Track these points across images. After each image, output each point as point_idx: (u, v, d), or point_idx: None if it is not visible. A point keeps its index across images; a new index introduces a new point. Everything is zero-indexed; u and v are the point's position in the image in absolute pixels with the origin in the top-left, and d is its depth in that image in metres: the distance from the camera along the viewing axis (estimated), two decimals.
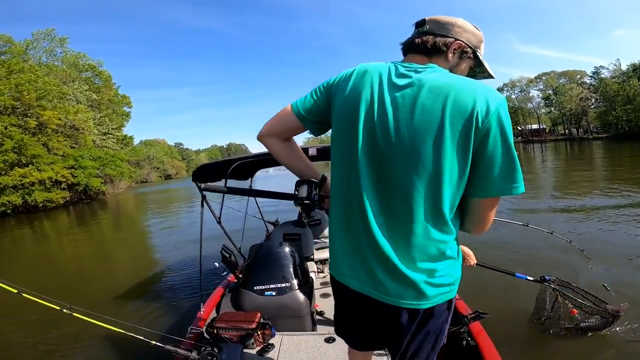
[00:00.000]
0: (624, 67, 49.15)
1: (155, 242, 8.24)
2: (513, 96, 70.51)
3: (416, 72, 0.90)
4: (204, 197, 2.74)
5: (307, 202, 1.15)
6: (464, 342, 1.93)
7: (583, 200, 8.05)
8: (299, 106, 1.08)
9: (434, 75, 0.88)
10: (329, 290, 2.75)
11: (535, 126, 70.97)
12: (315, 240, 3.87)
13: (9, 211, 21.37)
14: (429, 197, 0.87)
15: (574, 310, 2.63)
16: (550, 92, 62.30)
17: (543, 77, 65.78)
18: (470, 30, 0.98)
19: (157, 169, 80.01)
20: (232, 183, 3.20)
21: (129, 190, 38.88)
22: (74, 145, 27.43)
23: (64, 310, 1.76)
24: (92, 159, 26.87)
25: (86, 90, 31.58)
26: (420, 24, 1.00)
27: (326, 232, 3.89)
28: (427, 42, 0.96)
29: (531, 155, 30.05)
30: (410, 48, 1.00)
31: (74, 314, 1.75)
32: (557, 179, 13.69)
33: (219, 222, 2.98)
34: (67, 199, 25.25)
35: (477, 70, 1.07)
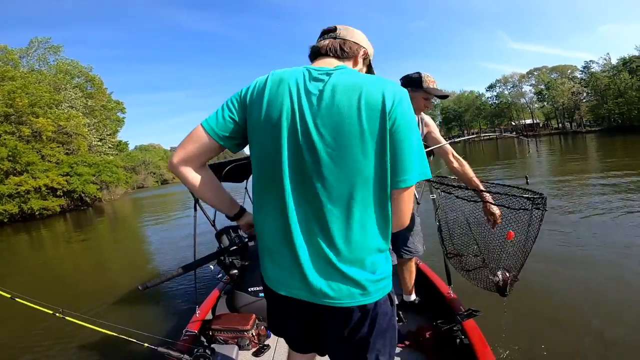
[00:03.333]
0: (614, 61, 49.65)
1: (151, 247, 8.23)
2: (506, 92, 70.93)
3: (327, 74, 0.92)
4: (197, 201, 2.75)
5: (234, 247, 1.14)
6: (457, 340, 1.92)
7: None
8: (212, 126, 0.99)
9: (345, 76, 0.92)
10: None
11: (529, 121, 71.36)
12: None
13: (5, 220, 21.22)
14: (362, 194, 0.89)
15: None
16: (543, 87, 62.74)
17: (535, 73, 66.24)
18: (367, 41, 1.08)
19: (154, 174, 79.57)
20: (227, 186, 3.23)
21: (126, 196, 38.57)
22: (67, 151, 27.26)
23: (57, 314, 1.77)
24: (87, 166, 26.70)
25: (80, 97, 31.57)
26: (331, 30, 1.06)
27: None
28: (341, 46, 1.02)
29: (525, 149, 30.18)
30: (323, 52, 1.03)
31: (67, 318, 1.76)
32: (551, 169, 13.76)
33: (213, 225, 3.00)
34: (64, 206, 25.09)
35: None
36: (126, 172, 36.95)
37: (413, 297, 2.53)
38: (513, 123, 74.10)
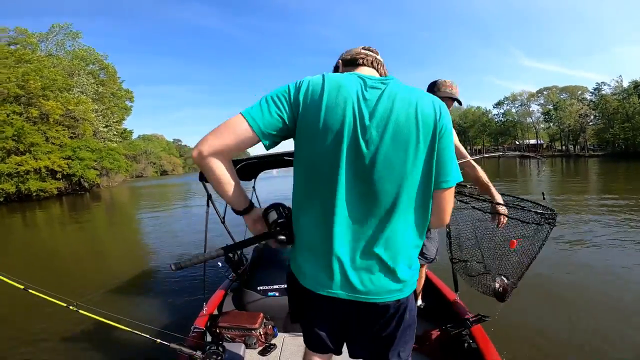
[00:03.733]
0: (625, 84, 49.68)
1: (156, 239, 7.99)
2: (513, 110, 71.16)
3: (383, 84, 0.97)
4: (209, 197, 2.74)
5: (282, 220, 1.05)
6: (466, 345, 1.94)
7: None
8: (257, 120, 0.95)
9: (400, 88, 0.97)
10: None
11: (533, 141, 71.62)
12: None
13: (1, 199, 21.18)
14: (408, 196, 0.96)
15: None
16: (551, 107, 62.94)
17: (544, 92, 66.48)
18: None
19: (154, 164, 79.89)
20: None
21: (124, 183, 38.68)
22: (72, 135, 27.34)
23: (71, 307, 1.74)
24: (90, 151, 26.73)
25: (92, 83, 32.00)
26: (368, 48, 1.15)
27: None
28: (376, 60, 1.11)
29: (527, 170, 30.35)
30: (358, 62, 1.10)
31: (80, 311, 1.73)
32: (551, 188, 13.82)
33: (223, 222, 2.97)
34: (61, 189, 25.08)
35: None
36: (127, 161, 36.99)
37: (419, 302, 2.59)
38: (517, 142, 74.39)
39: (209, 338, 2.29)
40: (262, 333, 2.36)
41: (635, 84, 46.25)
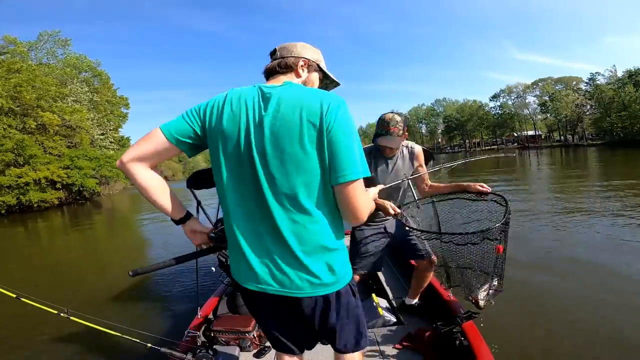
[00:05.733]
0: (619, 74, 49.60)
1: (151, 245, 8.13)
2: (510, 102, 71.00)
3: (275, 89, 1.06)
4: (199, 203, 2.77)
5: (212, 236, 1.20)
6: (457, 342, 1.94)
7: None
8: (170, 129, 1.09)
9: (289, 90, 1.05)
10: None
11: (531, 132, 71.48)
12: None
13: (2, 211, 21.19)
14: (309, 192, 1.01)
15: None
16: (547, 98, 62.77)
17: (540, 84, 66.30)
18: (310, 49, 1.21)
19: None
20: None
21: (125, 191, 38.47)
22: (69, 144, 27.31)
23: (62, 314, 1.76)
24: (88, 159, 26.69)
25: (86, 91, 31.70)
26: (272, 53, 1.21)
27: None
28: (280, 64, 1.16)
29: (526, 161, 30.31)
30: (270, 72, 1.18)
31: (71, 318, 1.75)
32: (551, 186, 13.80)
33: (214, 226, 2.98)
34: (62, 199, 25.07)
35: (327, 82, 1.31)
36: None
37: (415, 301, 2.57)
38: (515, 134, 74.25)
39: (203, 342, 2.31)
40: (256, 336, 2.36)
41: (630, 73, 46.16)
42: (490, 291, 1.89)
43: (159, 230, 10.82)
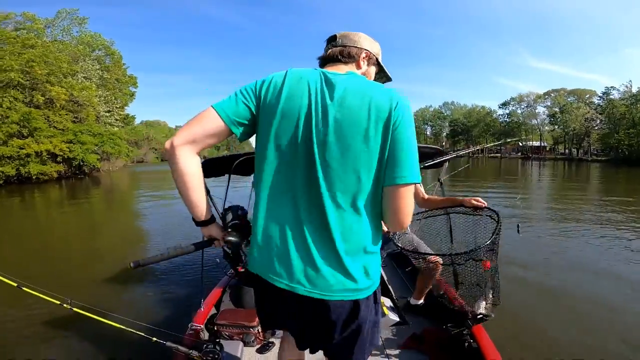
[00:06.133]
0: (634, 89, 48.97)
1: (156, 230, 7.84)
2: (519, 111, 70.59)
3: (341, 77, 1.01)
4: (208, 192, 2.68)
5: (235, 222, 1.13)
6: (466, 344, 1.93)
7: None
8: (226, 109, 1.00)
9: (355, 81, 1.00)
10: None
11: (536, 143, 71.23)
12: None
13: (0, 182, 21.17)
14: (365, 185, 0.96)
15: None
16: (557, 109, 62.36)
17: (552, 94, 65.71)
18: (371, 41, 1.17)
19: (155, 150, 79.76)
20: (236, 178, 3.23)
21: (125, 168, 38.56)
22: (75, 119, 27.27)
23: (65, 305, 1.70)
24: (91, 135, 26.64)
25: (97, 69, 31.90)
26: (332, 39, 1.16)
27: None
28: (342, 53, 1.11)
29: (528, 171, 30.28)
30: (330, 59, 1.13)
31: (74, 309, 1.68)
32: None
33: (221, 217, 2.92)
34: (61, 172, 25.06)
35: (380, 75, 1.27)
36: (128, 146, 36.93)
37: (420, 301, 2.58)
38: (520, 144, 74.00)
39: (206, 336, 2.25)
40: (260, 331, 2.32)
41: None
42: (488, 304, 1.95)
43: (157, 210, 10.79)
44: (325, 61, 1.14)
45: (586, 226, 7.30)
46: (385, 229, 1.17)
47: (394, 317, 2.49)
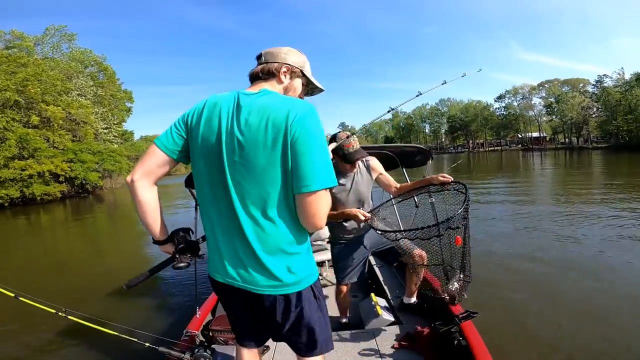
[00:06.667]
0: (627, 76, 48.98)
1: (154, 246, 8.07)
2: (515, 103, 70.51)
3: (250, 98, 1.10)
4: (197, 203, 2.74)
5: (181, 246, 1.27)
6: (455, 342, 1.94)
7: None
8: (164, 143, 1.16)
9: (262, 99, 1.09)
10: (325, 292, 2.76)
11: (535, 134, 71.02)
12: (312, 243, 3.87)
13: (6, 204, 21.32)
14: (272, 198, 1.05)
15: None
16: (553, 100, 62.25)
17: (546, 85, 65.72)
18: (295, 54, 1.23)
19: None
20: None
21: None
22: (73, 138, 27.42)
23: (59, 314, 1.76)
24: (91, 153, 26.80)
25: (91, 86, 31.86)
26: (258, 57, 1.23)
27: (321, 234, 3.88)
28: (263, 70, 1.19)
29: (530, 163, 30.16)
30: (253, 77, 1.21)
31: (69, 317, 1.75)
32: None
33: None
34: (65, 192, 25.20)
35: (311, 87, 1.33)
36: (129, 162, 37.10)
37: (413, 299, 2.58)
38: (519, 135, 73.82)
39: (201, 342, 2.30)
40: None
41: (637, 75, 45.53)
42: (459, 283, 1.96)
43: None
44: (250, 79, 1.23)
45: (589, 219, 7.11)
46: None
47: (388, 317, 2.52)
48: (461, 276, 1.94)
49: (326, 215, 1.10)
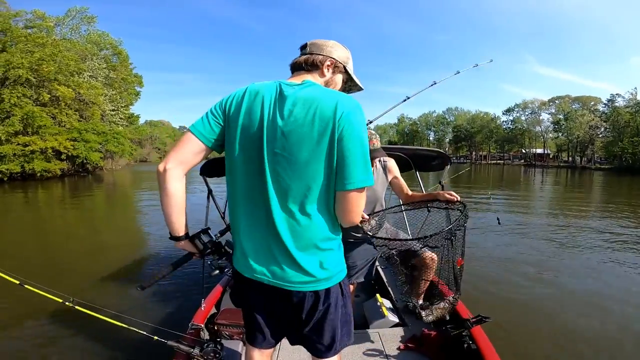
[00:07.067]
0: (639, 97, 48.87)
1: (157, 230, 7.87)
2: (523, 117, 70.39)
3: (293, 89, 1.07)
4: (210, 192, 2.70)
5: (209, 250, 1.23)
6: (465, 346, 1.92)
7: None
8: (200, 130, 1.12)
9: (307, 90, 1.06)
10: None
11: (540, 150, 71.00)
12: None
13: (5, 178, 21.30)
14: (313, 192, 1.04)
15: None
16: (561, 117, 62.12)
17: (556, 101, 65.50)
18: (340, 49, 1.22)
19: (159, 149, 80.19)
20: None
21: (128, 167, 38.66)
22: (80, 118, 27.45)
23: (67, 303, 1.72)
24: (95, 133, 26.80)
25: (104, 68, 32.05)
26: (303, 47, 1.22)
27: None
28: (307, 61, 1.17)
29: (531, 178, 30.18)
30: (295, 67, 1.19)
31: (77, 307, 1.70)
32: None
33: (223, 217, 2.95)
34: (64, 169, 25.21)
35: (350, 84, 1.31)
36: (132, 145, 37.09)
37: (420, 302, 2.54)
38: (523, 150, 73.81)
39: (206, 335, 2.25)
40: None
41: None
42: (446, 305, 2.02)
43: (158, 210, 10.76)
44: (292, 69, 1.21)
45: (592, 233, 7.31)
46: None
47: (394, 319, 2.50)
48: (451, 298, 1.96)
49: (361, 211, 1.10)
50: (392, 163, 2.46)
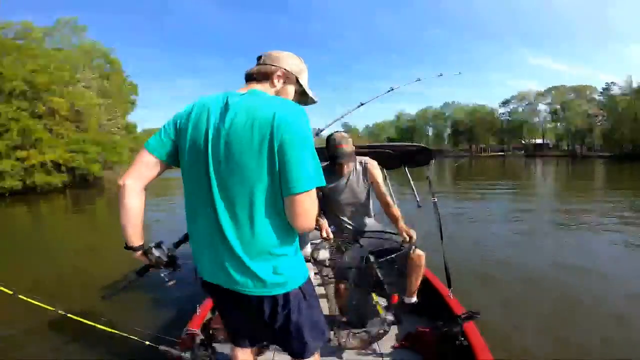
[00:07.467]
0: (635, 84, 48.61)
1: (154, 236, 8.01)
2: (520, 109, 70.22)
3: (238, 98, 1.09)
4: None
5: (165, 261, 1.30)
6: (457, 342, 1.94)
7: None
8: (154, 147, 1.16)
9: (249, 99, 1.08)
10: (324, 291, 2.76)
11: (539, 141, 70.79)
12: (313, 241, 3.84)
13: (7, 194, 21.37)
14: (259, 200, 1.04)
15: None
16: (558, 106, 61.92)
17: (552, 92, 65.37)
18: (294, 60, 1.23)
19: None
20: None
21: None
22: (77, 129, 27.49)
23: (59, 311, 1.75)
24: (94, 144, 26.86)
25: (97, 77, 31.95)
26: (258, 58, 1.23)
27: (323, 233, 3.87)
28: (259, 72, 1.18)
29: (532, 169, 30.10)
30: (247, 77, 1.21)
31: (68, 315, 1.73)
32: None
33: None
34: (65, 182, 25.26)
35: (304, 99, 1.31)
36: (131, 154, 37.14)
37: (414, 299, 2.58)
38: (523, 142, 73.63)
39: (201, 340, 2.27)
40: None
41: None
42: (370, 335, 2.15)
43: (156, 217, 10.80)
44: (245, 79, 1.22)
45: (589, 226, 7.31)
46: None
47: (389, 317, 2.52)
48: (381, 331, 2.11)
49: (315, 215, 1.10)
50: (373, 166, 2.46)
